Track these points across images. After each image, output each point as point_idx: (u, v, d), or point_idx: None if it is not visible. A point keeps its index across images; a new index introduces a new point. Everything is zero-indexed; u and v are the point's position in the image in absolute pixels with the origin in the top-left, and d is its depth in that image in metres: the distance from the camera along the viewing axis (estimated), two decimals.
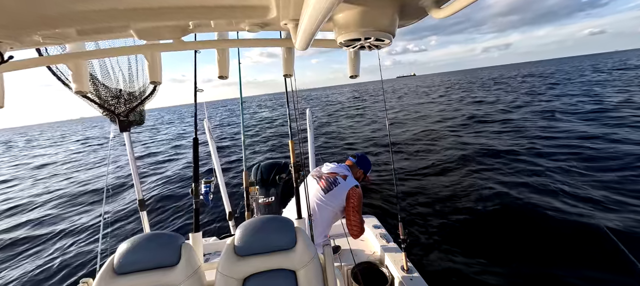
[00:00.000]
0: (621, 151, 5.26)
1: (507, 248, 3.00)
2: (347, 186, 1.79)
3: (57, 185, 8.08)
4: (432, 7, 0.65)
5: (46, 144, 23.49)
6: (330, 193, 1.78)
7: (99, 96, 1.92)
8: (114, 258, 1.09)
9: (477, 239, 3.21)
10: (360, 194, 1.80)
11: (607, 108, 9.39)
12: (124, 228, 4.59)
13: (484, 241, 3.16)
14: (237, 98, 2.68)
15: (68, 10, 0.69)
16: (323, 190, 1.78)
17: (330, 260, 1.26)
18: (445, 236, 3.33)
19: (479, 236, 3.25)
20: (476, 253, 2.98)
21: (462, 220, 3.62)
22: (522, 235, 3.18)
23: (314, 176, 1.91)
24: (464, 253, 2.99)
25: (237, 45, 1.36)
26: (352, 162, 2.09)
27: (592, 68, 36.21)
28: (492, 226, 3.41)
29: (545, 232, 3.18)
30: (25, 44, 0.84)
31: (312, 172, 1.99)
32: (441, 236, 3.34)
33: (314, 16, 0.46)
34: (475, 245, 3.10)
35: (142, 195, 2.16)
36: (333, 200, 1.78)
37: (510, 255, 2.88)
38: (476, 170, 5.30)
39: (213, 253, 2.26)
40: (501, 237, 3.20)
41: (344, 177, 1.84)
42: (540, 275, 2.60)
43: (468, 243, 3.14)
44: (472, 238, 3.24)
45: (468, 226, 3.46)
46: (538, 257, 2.82)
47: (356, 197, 1.77)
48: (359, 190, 1.81)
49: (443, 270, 2.77)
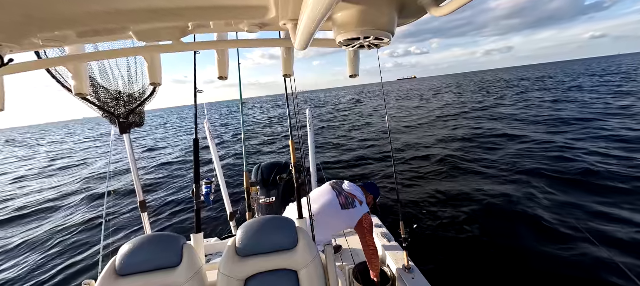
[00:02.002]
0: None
1: (507, 248, 3.00)
2: (362, 211, 1.87)
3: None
4: (432, 6, 0.64)
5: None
6: (347, 212, 1.84)
7: (99, 98, 1.92)
8: (116, 260, 1.09)
9: (479, 238, 3.21)
10: (371, 221, 1.90)
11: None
12: (126, 230, 4.60)
13: (486, 240, 3.16)
14: (237, 100, 2.69)
15: (67, 12, 0.69)
16: (341, 205, 1.85)
17: (332, 260, 1.26)
18: (447, 235, 3.33)
19: (481, 235, 3.25)
20: (478, 251, 2.98)
21: (464, 219, 3.62)
22: (522, 236, 3.18)
23: (335, 188, 1.95)
24: (466, 252, 2.99)
25: (237, 46, 1.36)
26: (363, 187, 2.13)
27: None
28: (494, 226, 3.41)
29: (546, 231, 3.18)
30: (25, 47, 0.84)
31: (331, 182, 2.03)
32: (443, 235, 3.34)
33: (313, 16, 0.46)
34: (477, 244, 3.10)
35: (143, 197, 2.16)
36: (347, 218, 1.85)
37: (511, 255, 2.88)
38: (478, 170, 5.30)
39: (215, 254, 2.26)
40: (503, 237, 3.20)
41: (361, 202, 1.92)
42: (542, 274, 2.60)
43: (470, 242, 3.14)
44: (474, 237, 3.24)
45: (470, 225, 3.46)
46: (538, 257, 2.82)
47: (369, 222, 1.86)
48: (370, 218, 1.90)
49: (445, 268, 2.77)
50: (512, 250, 2.95)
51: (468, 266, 2.79)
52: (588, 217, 3.33)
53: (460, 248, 3.07)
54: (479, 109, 13.40)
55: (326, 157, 7.74)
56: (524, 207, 3.72)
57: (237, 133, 14.81)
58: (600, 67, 45.66)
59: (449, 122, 10.89)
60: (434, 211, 3.92)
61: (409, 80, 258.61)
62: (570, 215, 3.40)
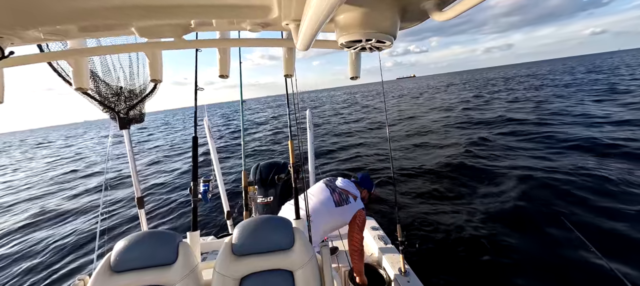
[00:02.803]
0: None
1: (507, 249, 3.00)
2: (356, 207, 1.88)
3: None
4: (434, 10, 0.65)
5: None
6: (341, 208, 1.86)
7: (100, 93, 1.92)
8: (111, 256, 1.09)
9: (476, 241, 3.20)
10: (365, 217, 1.91)
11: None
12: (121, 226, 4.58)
13: (483, 243, 3.16)
14: (237, 101, 2.70)
15: (70, 6, 0.69)
16: (335, 203, 1.86)
17: (328, 261, 1.26)
18: (444, 238, 3.33)
19: (478, 239, 3.25)
20: (475, 255, 2.98)
21: (461, 223, 3.62)
22: (523, 237, 3.18)
23: (328, 186, 1.96)
24: (463, 256, 2.99)
25: (239, 44, 1.36)
26: (355, 182, 2.13)
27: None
28: (493, 228, 3.41)
29: (545, 232, 3.18)
30: (26, 40, 0.84)
31: (324, 180, 2.04)
32: (440, 238, 3.34)
33: (316, 17, 0.46)
34: (474, 248, 3.10)
35: (140, 193, 2.16)
36: (341, 215, 1.87)
37: (511, 257, 2.88)
38: (477, 169, 5.30)
39: (210, 253, 2.25)
40: (501, 240, 3.20)
41: (355, 197, 1.93)
42: (543, 274, 2.60)
43: (466, 246, 3.14)
44: (470, 241, 3.24)
45: (467, 229, 3.46)
46: (538, 256, 2.82)
47: (362, 219, 1.87)
48: (364, 213, 1.91)
49: (441, 272, 2.77)
50: (512, 252, 2.94)
51: (464, 270, 2.79)
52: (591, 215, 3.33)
53: (457, 252, 3.07)
54: (480, 109, 13.36)
55: (324, 159, 7.74)
56: (526, 208, 3.71)
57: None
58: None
59: (451, 121, 10.89)
60: (433, 213, 3.92)
61: (408, 79, 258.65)
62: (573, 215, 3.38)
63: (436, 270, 2.79)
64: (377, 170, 6.16)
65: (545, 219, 3.48)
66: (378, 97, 33.36)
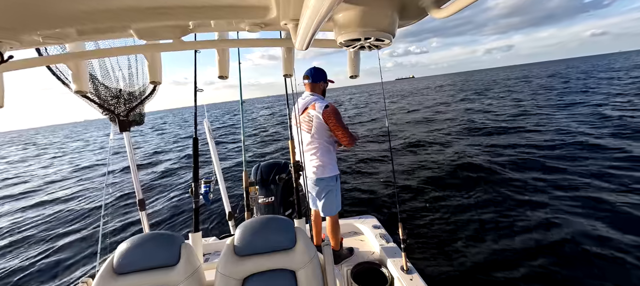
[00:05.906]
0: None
1: (507, 249, 3.00)
2: (320, 112, 1.88)
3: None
4: (432, 7, 0.65)
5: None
6: (315, 129, 1.89)
7: (99, 96, 1.92)
8: (114, 258, 1.09)
9: (478, 239, 3.20)
10: (333, 110, 1.90)
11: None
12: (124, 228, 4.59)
13: (485, 241, 3.16)
14: (237, 101, 2.70)
15: (68, 9, 0.69)
16: (309, 132, 1.90)
17: (330, 260, 1.26)
18: (446, 236, 3.33)
19: (480, 237, 3.25)
20: (477, 253, 2.97)
21: (464, 220, 3.62)
22: (522, 237, 3.18)
23: (296, 126, 1.95)
24: (465, 254, 2.99)
25: (237, 45, 1.36)
26: (309, 83, 2.10)
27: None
28: (493, 227, 3.41)
29: (545, 233, 3.18)
30: (25, 44, 0.84)
31: (293, 121, 2.03)
32: (442, 236, 3.34)
33: (314, 16, 0.46)
34: (476, 246, 3.10)
35: (142, 195, 2.16)
36: (321, 132, 1.90)
37: (511, 256, 2.88)
38: (478, 169, 5.30)
39: (213, 253, 2.26)
40: (502, 238, 3.20)
41: (313, 106, 1.92)
42: (542, 275, 2.60)
43: (469, 244, 3.14)
44: (473, 238, 3.24)
45: (469, 227, 3.46)
46: (538, 257, 2.82)
47: (332, 116, 1.86)
48: (330, 109, 1.90)
49: (443, 270, 2.77)
50: (513, 251, 2.94)
51: (467, 267, 2.78)
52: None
53: (460, 248, 3.06)
54: (479, 109, 13.41)
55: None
56: (527, 208, 3.71)
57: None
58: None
59: (450, 121, 10.90)
60: (435, 211, 3.92)
61: (407, 80, 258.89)
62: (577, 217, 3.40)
63: (439, 268, 2.79)
64: (377, 170, 6.16)
65: (546, 217, 3.47)
66: (377, 97, 33.29)
